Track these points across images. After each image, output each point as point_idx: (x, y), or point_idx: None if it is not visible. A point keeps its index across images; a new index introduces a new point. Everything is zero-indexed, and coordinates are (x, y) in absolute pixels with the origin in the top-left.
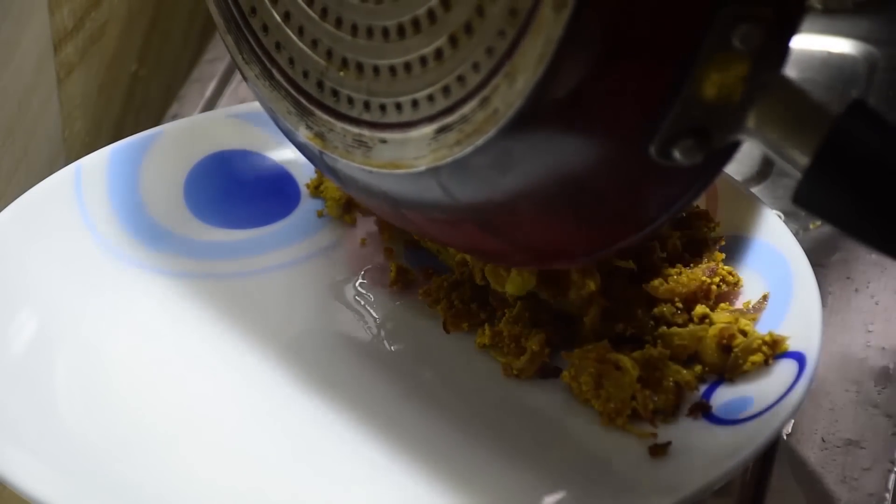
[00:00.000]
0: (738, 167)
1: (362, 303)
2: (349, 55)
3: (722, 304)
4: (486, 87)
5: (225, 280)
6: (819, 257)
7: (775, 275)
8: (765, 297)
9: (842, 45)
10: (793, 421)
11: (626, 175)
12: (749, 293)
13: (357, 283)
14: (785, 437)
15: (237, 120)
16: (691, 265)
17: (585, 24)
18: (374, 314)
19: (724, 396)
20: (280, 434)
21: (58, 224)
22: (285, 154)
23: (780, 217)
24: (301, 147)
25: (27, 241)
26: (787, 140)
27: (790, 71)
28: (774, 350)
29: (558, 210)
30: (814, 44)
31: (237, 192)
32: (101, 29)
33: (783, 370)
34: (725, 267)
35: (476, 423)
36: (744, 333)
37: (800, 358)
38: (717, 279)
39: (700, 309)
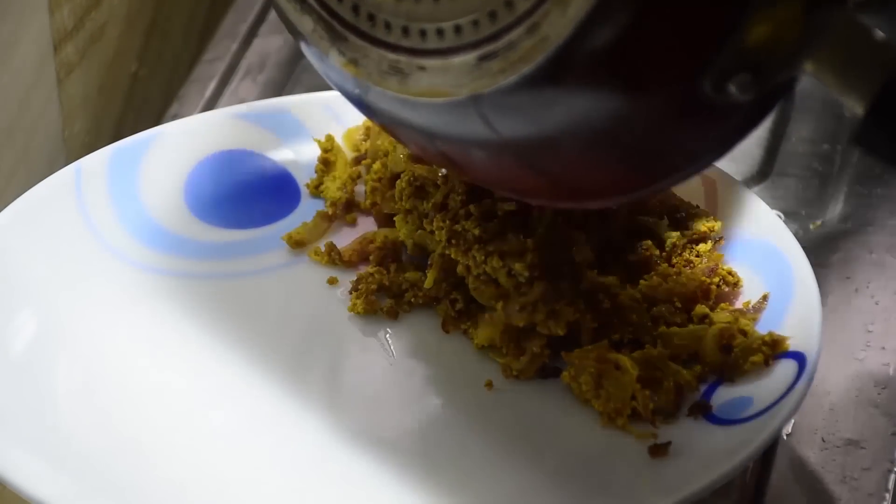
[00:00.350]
0: (739, 167)
1: None
2: None
3: (722, 304)
4: (536, 12)
5: (225, 280)
6: (819, 257)
7: (775, 275)
8: (765, 297)
9: None
10: (793, 421)
11: (678, 111)
12: (749, 293)
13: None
14: (785, 437)
15: (237, 120)
16: (691, 265)
17: None
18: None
19: (724, 396)
20: (279, 433)
21: (58, 224)
22: (285, 154)
23: (780, 217)
24: (329, 74)
25: (27, 241)
26: (846, 82)
27: None
28: (774, 350)
29: (605, 147)
30: None
31: (237, 192)
32: (101, 29)
33: (783, 370)
34: (725, 267)
35: (476, 424)
36: (744, 333)
37: (800, 358)
38: (716, 279)
39: (700, 309)
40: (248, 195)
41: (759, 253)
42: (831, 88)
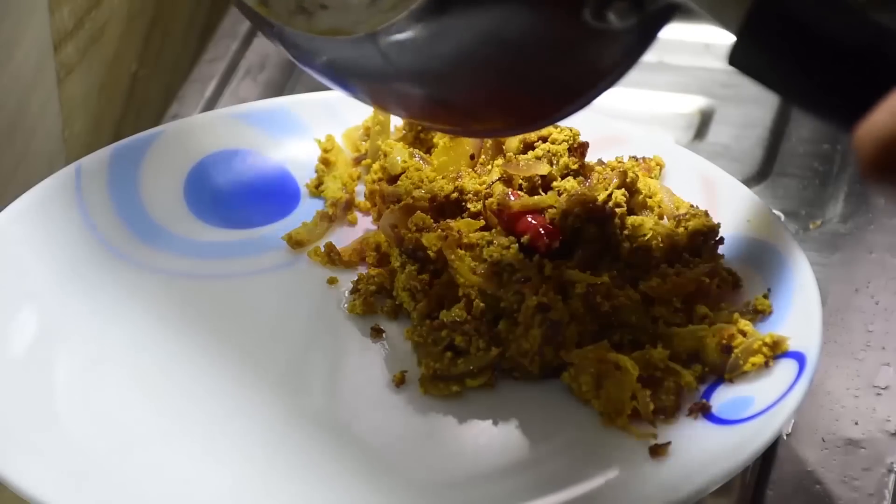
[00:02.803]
0: (739, 167)
1: None
2: None
3: (722, 304)
4: None
5: (225, 280)
6: (819, 257)
7: (775, 275)
8: (765, 297)
9: None
10: (793, 421)
11: (562, 39)
12: (749, 293)
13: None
14: (785, 437)
15: (237, 120)
16: (691, 265)
17: None
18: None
19: (724, 396)
20: (280, 433)
21: (58, 224)
22: (285, 154)
23: (780, 217)
24: (250, 17)
25: (27, 241)
26: (717, 5)
27: None
28: (775, 350)
29: (498, 77)
30: None
31: (237, 192)
32: (101, 29)
33: (783, 370)
34: (725, 267)
35: (476, 423)
36: (744, 333)
37: (800, 358)
38: (716, 279)
39: (700, 309)
40: (248, 195)
41: (759, 253)
42: (705, 13)
